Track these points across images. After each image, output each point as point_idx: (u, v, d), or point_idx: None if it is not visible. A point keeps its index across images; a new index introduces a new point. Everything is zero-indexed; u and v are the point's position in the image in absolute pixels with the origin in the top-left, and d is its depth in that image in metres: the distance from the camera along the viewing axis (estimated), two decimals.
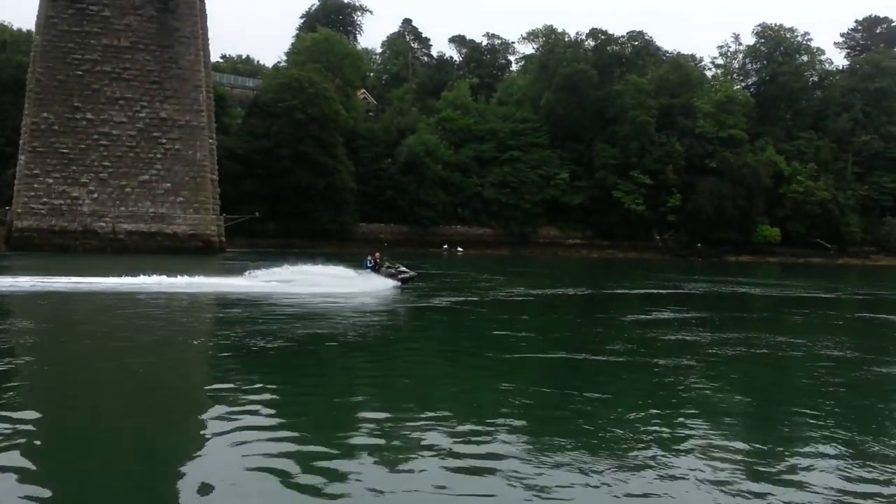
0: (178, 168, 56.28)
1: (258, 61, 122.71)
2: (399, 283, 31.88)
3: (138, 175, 55.28)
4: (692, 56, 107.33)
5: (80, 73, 54.01)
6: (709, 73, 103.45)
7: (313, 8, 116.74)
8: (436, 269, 47.59)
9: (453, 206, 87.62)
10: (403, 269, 33.31)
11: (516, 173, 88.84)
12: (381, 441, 9.72)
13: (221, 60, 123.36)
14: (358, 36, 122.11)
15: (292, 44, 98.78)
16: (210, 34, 61.56)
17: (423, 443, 9.70)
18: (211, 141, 59.29)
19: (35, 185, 53.13)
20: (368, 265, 32.73)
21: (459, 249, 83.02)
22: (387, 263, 33.80)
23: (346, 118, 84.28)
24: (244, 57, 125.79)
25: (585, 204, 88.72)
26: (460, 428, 10.44)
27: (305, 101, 77.82)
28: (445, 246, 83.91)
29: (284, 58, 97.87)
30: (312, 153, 77.28)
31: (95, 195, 54.22)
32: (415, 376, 14.75)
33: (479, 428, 10.44)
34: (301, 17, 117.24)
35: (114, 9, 54.85)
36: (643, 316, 25.90)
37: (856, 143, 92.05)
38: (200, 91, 57.06)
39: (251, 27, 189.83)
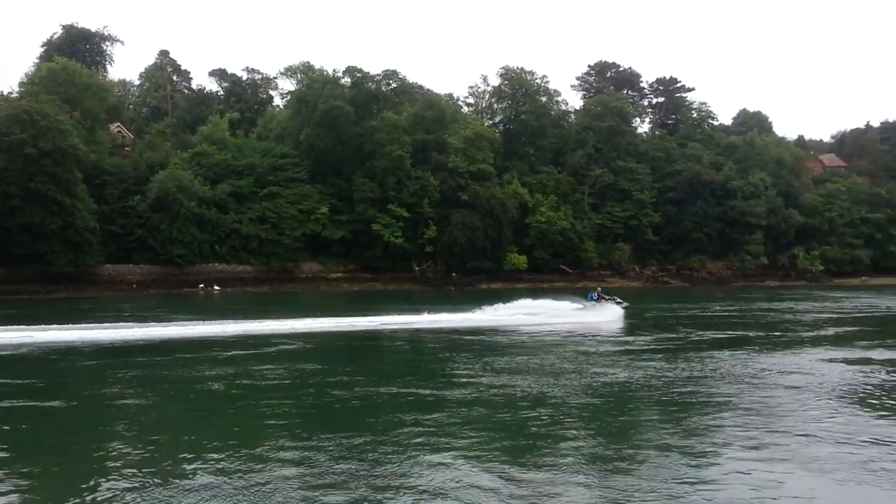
0: None
1: None
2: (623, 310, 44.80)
3: None
4: (449, 95, 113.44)
5: None
6: (464, 111, 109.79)
7: (56, 36, 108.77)
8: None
9: (210, 244, 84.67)
10: (619, 299, 46.68)
11: (276, 208, 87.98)
12: None
13: None
14: (108, 66, 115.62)
15: (26, 73, 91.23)
16: None
17: None
18: None
19: None
20: (593, 298, 45.47)
21: (216, 288, 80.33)
22: (607, 296, 47.20)
23: (87, 153, 79.02)
24: None
25: (347, 237, 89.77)
26: None
27: (37, 134, 72.00)
28: (202, 285, 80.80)
29: (17, 88, 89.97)
30: (46, 190, 71.51)
31: None
32: None
33: None
34: (42, 46, 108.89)
35: None
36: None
37: (590, 177, 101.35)
38: None
39: None
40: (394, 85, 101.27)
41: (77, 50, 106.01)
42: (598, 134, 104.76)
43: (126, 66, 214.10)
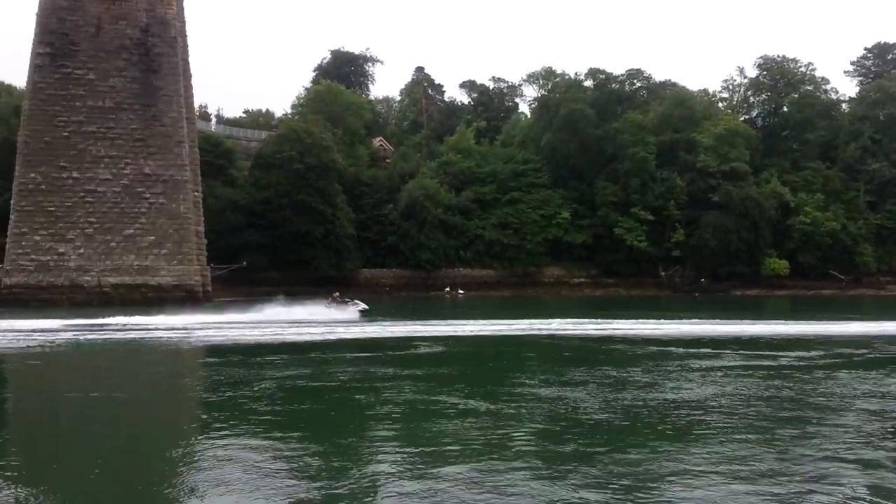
0: (162, 221, 58.12)
1: (277, 114, 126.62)
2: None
3: (123, 230, 57.29)
4: (704, 91, 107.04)
5: (66, 133, 56.64)
6: (720, 107, 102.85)
7: (325, 61, 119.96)
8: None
9: (455, 249, 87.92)
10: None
11: (518, 214, 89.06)
12: None
13: (244, 115, 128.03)
14: (370, 85, 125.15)
15: (297, 96, 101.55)
16: (235, 90, 63.87)
17: None
18: (196, 193, 61.19)
19: (23, 243, 55.49)
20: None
21: (461, 292, 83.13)
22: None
23: (346, 166, 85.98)
24: (264, 111, 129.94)
25: (588, 242, 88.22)
26: None
27: (303, 151, 79.78)
28: (448, 289, 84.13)
29: (290, 110, 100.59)
30: (310, 201, 78.90)
31: (81, 250, 56.32)
32: None
33: None
34: (314, 71, 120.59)
35: (98, 72, 57.59)
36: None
37: (866, 172, 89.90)
38: (183, 146, 59.13)
39: (277, 81, 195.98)
40: (638, 84, 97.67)
41: (343, 72, 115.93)
42: (876, 124, 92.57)
43: (388, 83, 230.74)
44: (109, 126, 57.63)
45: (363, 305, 48.97)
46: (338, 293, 52.47)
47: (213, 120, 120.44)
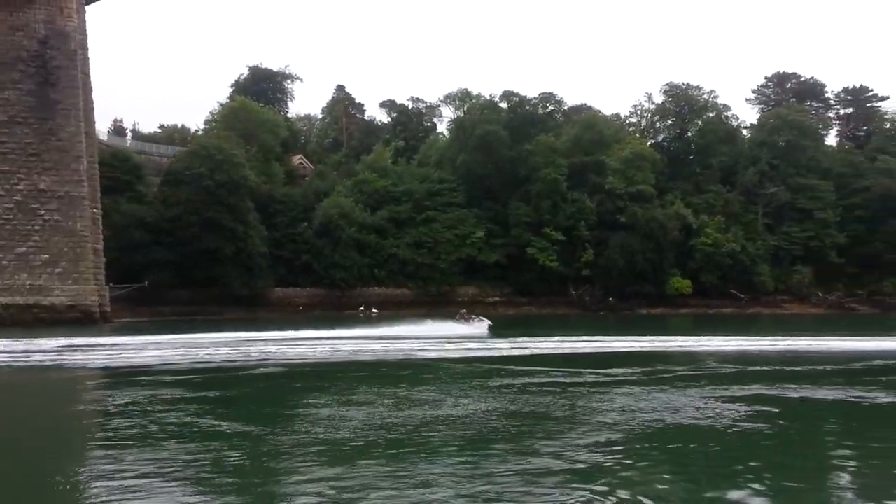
0: (57, 239, 56.25)
1: (193, 129, 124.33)
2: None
3: (15, 247, 55.21)
4: (616, 115, 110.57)
5: None
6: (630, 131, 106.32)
7: (242, 77, 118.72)
8: None
9: (369, 268, 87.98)
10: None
11: (432, 233, 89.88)
12: None
13: (159, 130, 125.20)
14: (289, 102, 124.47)
15: (210, 112, 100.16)
16: (155, 105, 62.37)
17: None
18: (95, 210, 59.59)
19: None
20: None
21: (374, 311, 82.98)
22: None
23: (259, 183, 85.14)
24: (179, 126, 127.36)
25: (502, 262, 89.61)
26: None
27: (214, 167, 78.64)
28: (362, 308, 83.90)
29: (202, 126, 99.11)
30: (221, 219, 77.73)
31: None
32: None
33: None
34: (230, 86, 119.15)
35: None
36: None
37: (764, 195, 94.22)
38: (81, 161, 57.51)
39: (197, 96, 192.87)
40: (551, 108, 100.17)
41: (261, 88, 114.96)
42: (774, 149, 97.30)
43: (310, 101, 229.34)
44: (2, 140, 55.62)
45: (488, 322, 51.24)
46: (465, 310, 57.51)
47: (129, 135, 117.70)
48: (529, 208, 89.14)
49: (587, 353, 37.04)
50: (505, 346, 38.92)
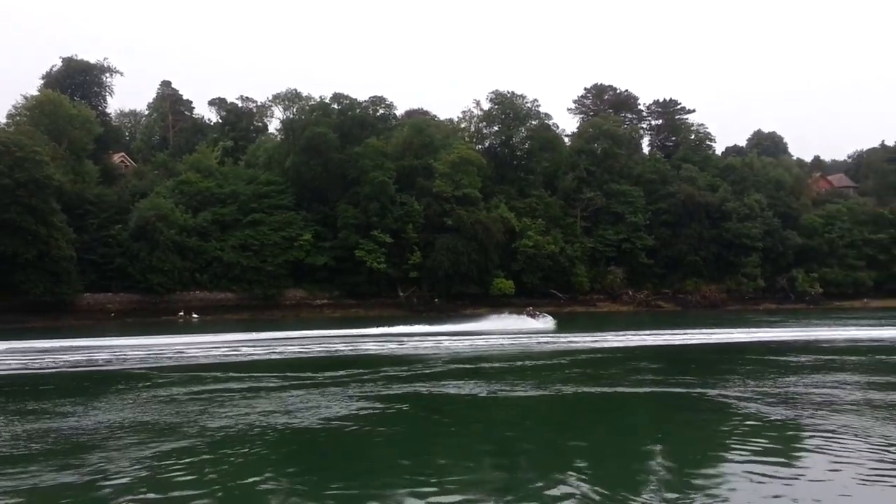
0: None
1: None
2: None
3: None
4: (450, 120, 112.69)
5: None
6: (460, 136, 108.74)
7: (55, 69, 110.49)
8: None
9: (190, 272, 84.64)
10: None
11: (259, 236, 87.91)
12: None
13: None
14: (108, 98, 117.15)
15: (14, 105, 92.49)
16: None
17: None
18: None
19: None
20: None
21: (195, 316, 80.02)
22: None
23: (66, 183, 79.70)
24: None
25: (331, 264, 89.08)
26: None
27: (13, 165, 72.78)
28: (181, 313, 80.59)
29: (4, 120, 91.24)
30: (20, 220, 72.07)
31: None
32: None
33: None
34: (42, 78, 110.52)
35: None
36: None
37: (582, 200, 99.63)
38: None
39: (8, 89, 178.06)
40: (381, 111, 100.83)
41: (77, 82, 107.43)
42: (591, 157, 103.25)
43: (134, 97, 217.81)
44: None
45: (551, 318, 61.85)
46: (531, 307, 68.05)
47: None
48: (358, 211, 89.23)
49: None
50: None
